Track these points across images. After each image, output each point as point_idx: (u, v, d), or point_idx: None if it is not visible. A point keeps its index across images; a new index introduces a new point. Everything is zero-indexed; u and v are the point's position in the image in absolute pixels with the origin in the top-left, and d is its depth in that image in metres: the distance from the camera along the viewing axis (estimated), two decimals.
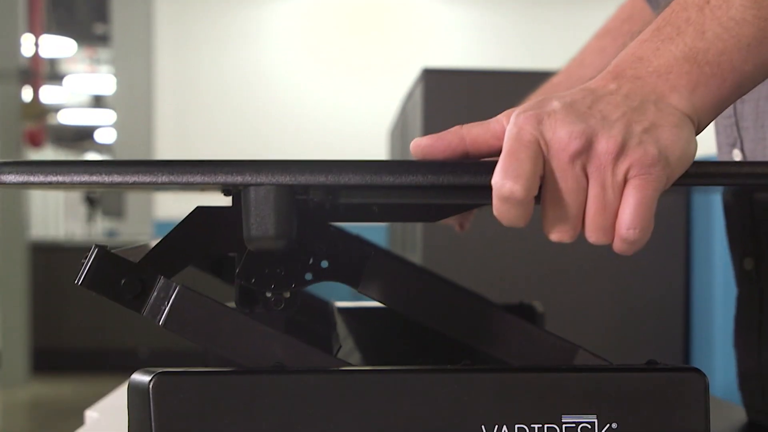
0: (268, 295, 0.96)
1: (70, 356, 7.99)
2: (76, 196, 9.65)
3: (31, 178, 0.84)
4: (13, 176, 0.83)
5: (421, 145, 0.85)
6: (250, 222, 0.83)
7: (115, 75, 10.20)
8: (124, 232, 9.86)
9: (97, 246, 0.92)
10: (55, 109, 19.15)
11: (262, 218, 0.83)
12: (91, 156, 23.69)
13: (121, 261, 0.91)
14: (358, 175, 0.82)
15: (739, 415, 1.27)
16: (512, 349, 0.95)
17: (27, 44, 7.75)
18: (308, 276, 0.97)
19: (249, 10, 9.80)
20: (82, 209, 9.50)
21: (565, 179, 0.78)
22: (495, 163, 0.79)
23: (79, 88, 17.81)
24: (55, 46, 13.59)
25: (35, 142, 7.57)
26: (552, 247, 2.58)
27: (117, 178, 0.83)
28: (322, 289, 1.08)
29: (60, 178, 0.83)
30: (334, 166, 0.82)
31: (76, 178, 0.83)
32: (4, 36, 7.54)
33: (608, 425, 0.82)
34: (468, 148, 0.84)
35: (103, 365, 7.87)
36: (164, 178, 0.83)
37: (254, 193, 0.82)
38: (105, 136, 21.24)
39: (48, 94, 16.12)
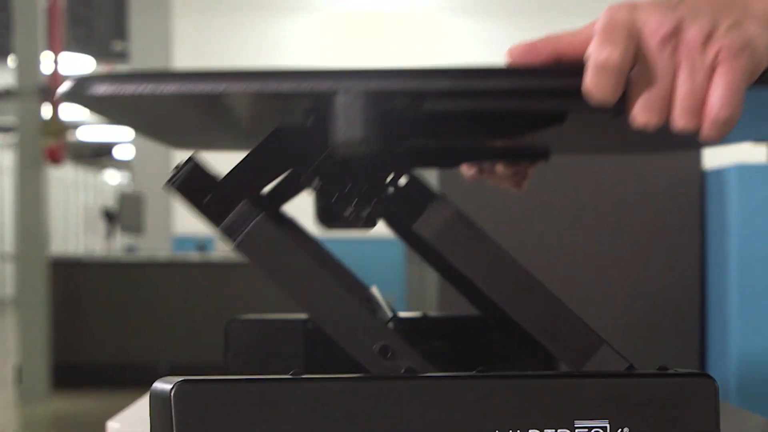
0: (346, 214, 0.95)
1: (91, 371, 8.01)
2: (95, 212, 9.69)
3: (123, 89, 0.84)
4: (105, 87, 0.84)
5: (513, 53, 0.86)
6: (339, 126, 0.84)
7: None
8: (143, 248, 9.88)
9: (191, 157, 0.93)
10: (74, 126, 19.22)
11: (351, 122, 0.84)
12: (111, 173, 23.73)
13: (210, 176, 0.92)
14: (445, 80, 0.83)
15: (752, 421, 1.28)
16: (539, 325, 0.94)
17: (46, 62, 7.78)
18: (387, 192, 0.96)
19: (266, 25, 9.83)
20: (101, 225, 9.52)
21: (656, 62, 0.80)
22: (584, 68, 0.81)
23: None
24: (75, 63, 13.65)
25: (55, 158, 7.60)
26: (563, 250, 2.59)
27: (206, 87, 0.84)
28: None
29: (151, 88, 0.84)
30: (422, 71, 0.83)
31: (167, 88, 0.84)
32: (23, 54, 7.58)
33: (620, 430, 0.83)
34: (559, 55, 0.86)
35: (124, 380, 7.89)
36: (256, 86, 0.84)
37: (343, 99, 0.84)
38: (123, 152, 21.29)
39: (67, 112, 16.18)
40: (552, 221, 2.67)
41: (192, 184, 0.93)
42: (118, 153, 22.31)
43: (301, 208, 1.83)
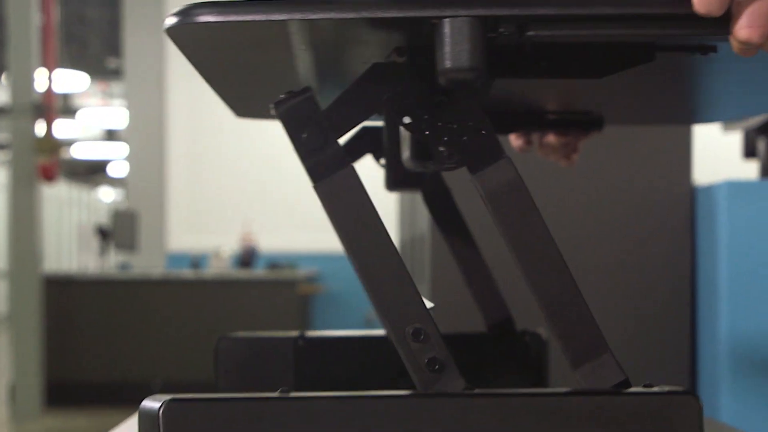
0: (441, 149, 0.95)
1: (84, 389, 8.00)
2: (89, 230, 9.68)
3: (229, 18, 0.84)
4: (210, 16, 0.84)
5: None
6: (446, 54, 0.85)
7: (128, 108, 10.25)
8: (137, 265, 9.88)
9: (308, 87, 0.93)
10: (68, 143, 19.22)
11: (459, 50, 0.84)
12: (105, 190, 23.72)
13: (316, 111, 0.92)
14: (551, 6, 0.85)
15: None
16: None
17: (40, 79, 7.79)
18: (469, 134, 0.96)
19: None
20: (94, 242, 9.52)
21: None
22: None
23: (92, 122, 17.89)
24: (69, 80, 13.67)
25: (48, 176, 7.61)
26: None
27: (312, 15, 0.84)
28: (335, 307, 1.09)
29: (257, 17, 0.84)
30: None
31: (273, 17, 0.84)
32: (17, 71, 7.59)
33: None
34: None
35: (117, 398, 7.88)
36: (365, 14, 0.84)
37: (450, 25, 0.84)
38: (117, 169, 21.28)
39: (61, 129, 16.18)
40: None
41: (296, 113, 0.92)
42: (112, 170, 22.30)
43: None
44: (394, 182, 1.33)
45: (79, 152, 20.33)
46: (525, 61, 1.00)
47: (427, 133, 0.93)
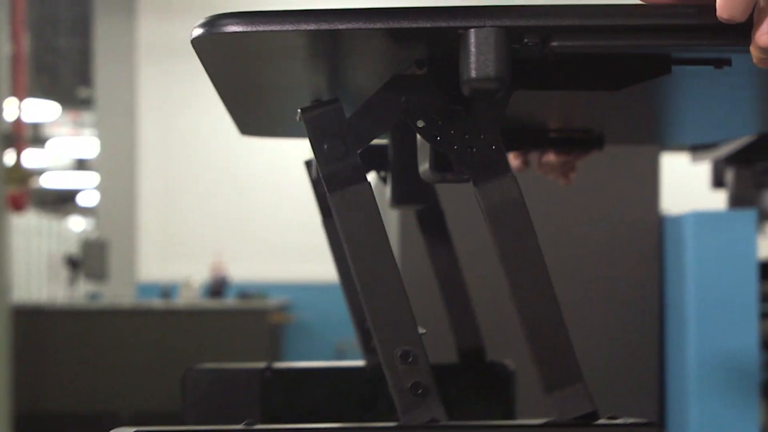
0: (450, 158, 0.96)
1: (53, 420, 7.94)
2: (58, 259, 9.63)
3: (256, 27, 0.85)
4: (237, 26, 0.85)
5: None
6: (471, 63, 0.86)
7: (99, 138, 10.22)
8: (107, 295, 9.83)
9: (338, 98, 0.94)
10: (38, 172, 19.14)
11: (484, 59, 0.86)
12: (75, 220, 23.63)
13: (342, 123, 0.93)
14: (575, 17, 0.86)
15: None
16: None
17: (10, 108, 7.77)
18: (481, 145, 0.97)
19: None
20: (64, 272, 9.47)
21: None
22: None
23: (63, 151, 17.83)
24: (39, 110, 13.62)
25: (18, 206, 7.57)
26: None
27: (340, 25, 0.85)
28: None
29: (285, 27, 0.84)
30: (553, 8, 0.86)
31: (301, 27, 0.84)
32: None
33: None
34: None
35: (86, 429, 7.82)
36: (393, 24, 0.85)
37: (476, 35, 0.85)
38: (88, 199, 21.21)
39: (31, 158, 16.13)
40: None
41: (322, 121, 0.93)
42: (82, 200, 22.22)
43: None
44: (399, 198, 1.34)
45: (49, 181, 20.25)
46: (544, 74, 1.01)
47: (438, 138, 0.95)
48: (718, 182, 3.71)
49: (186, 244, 10.01)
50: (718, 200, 5.37)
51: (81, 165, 19.57)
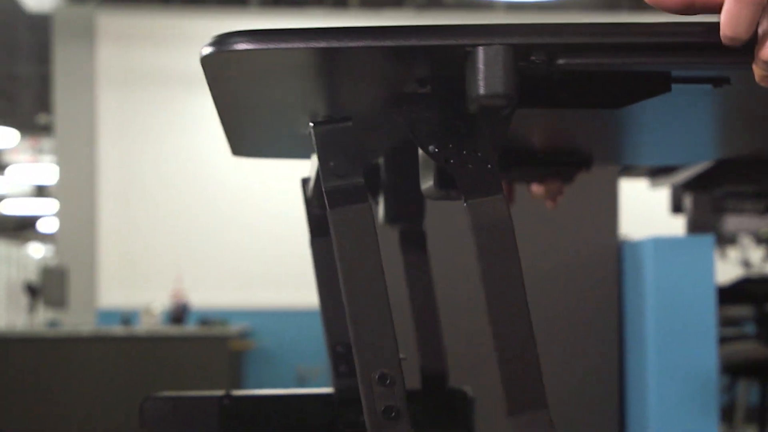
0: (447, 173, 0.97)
1: None
2: (18, 286, 9.58)
3: (267, 45, 0.85)
4: (248, 44, 0.85)
5: None
6: (479, 80, 0.87)
7: (58, 164, 10.18)
8: (66, 323, 9.77)
9: (350, 117, 0.95)
10: None
11: (493, 77, 0.86)
12: (34, 246, 23.49)
13: (350, 142, 0.94)
14: (582, 35, 0.87)
15: None
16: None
17: None
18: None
19: (188, 99, 9.86)
20: (23, 299, 9.41)
21: None
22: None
23: (22, 177, 17.73)
24: None
25: None
26: (484, 318, 2.60)
27: (350, 43, 0.85)
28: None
29: (296, 45, 0.85)
30: (560, 26, 0.87)
31: (312, 44, 0.85)
32: None
33: None
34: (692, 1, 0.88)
35: None
36: (403, 41, 0.86)
37: (484, 53, 0.86)
38: (47, 225, 21.10)
39: None
40: (472, 290, 2.69)
41: (331, 137, 0.94)
42: (42, 226, 22.10)
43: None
44: (391, 216, 1.35)
45: (8, 208, 20.13)
46: (546, 92, 1.02)
47: (439, 154, 0.96)
48: (676, 208, 3.74)
49: (146, 271, 9.97)
50: (676, 226, 5.41)
51: (40, 191, 19.47)
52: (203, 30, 9.66)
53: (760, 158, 3.12)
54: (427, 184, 1.09)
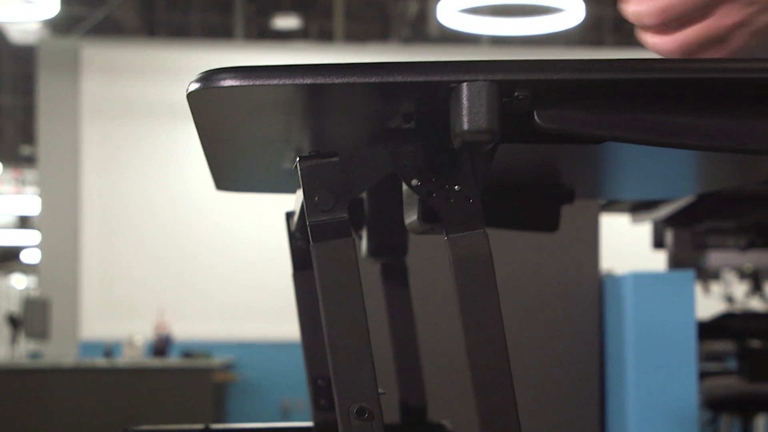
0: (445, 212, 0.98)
1: None
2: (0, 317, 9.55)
3: (253, 82, 0.86)
4: (234, 80, 0.86)
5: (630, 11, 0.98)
6: (464, 116, 0.88)
7: (41, 196, 10.16)
8: (48, 354, 9.73)
9: (337, 153, 0.95)
10: None
11: (476, 112, 0.87)
12: (17, 277, 23.40)
13: (335, 178, 0.95)
14: (564, 71, 0.88)
15: None
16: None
17: None
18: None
19: (170, 132, 9.87)
20: (5, 331, 9.37)
21: None
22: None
23: (5, 209, 17.69)
24: None
25: None
26: (461, 357, 2.61)
27: (336, 80, 0.86)
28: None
29: (283, 81, 0.86)
30: (543, 62, 0.88)
31: (298, 81, 0.86)
32: None
33: None
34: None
35: None
36: (388, 78, 0.87)
37: (468, 89, 0.87)
38: (30, 256, 21.03)
39: None
40: (453, 324, 2.69)
41: (317, 172, 0.94)
42: (25, 257, 22.03)
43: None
44: (375, 250, 1.35)
45: None
46: (528, 127, 1.03)
47: (422, 189, 0.97)
48: (658, 243, 3.75)
49: (129, 303, 9.94)
50: (658, 261, 5.43)
51: (23, 222, 19.42)
52: (188, 63, 9.68)
53: (740, 194, 3.14)
54: (410, 218, 1.10)
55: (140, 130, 9.95)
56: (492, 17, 8.25)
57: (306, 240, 0.99)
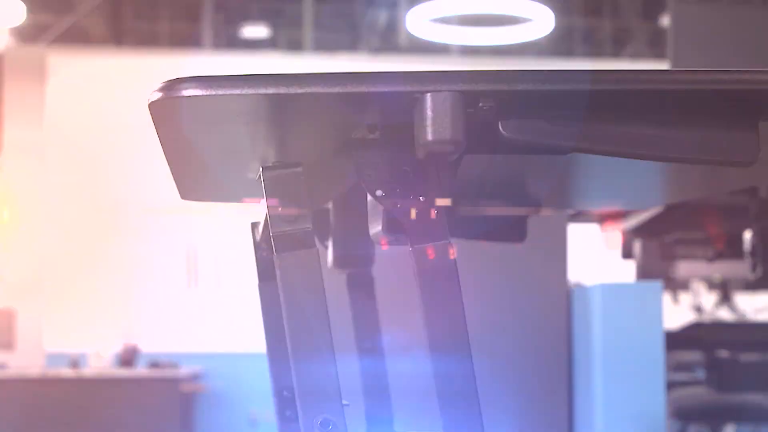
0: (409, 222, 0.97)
1: None
2: None
3: (215, 91, 0.85)
4: (196, 90, 0.85)
5: None
6: (427, 127, 0.87)
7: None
8: (13, 365, 9.66)
9: (300, 163, 0.96)
10: None
11: (441, 123, 0.87)
12: None
13: (300, 189, 0.96)
14: (528, 82, 0.87)
15: None
16: None
17: None
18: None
19: (137, 141, 9.84)
20: None
21: None
22: None
23: None
24: None
25: None
26: (424, 364, 2.60)
27: (299, 89, 0.85)
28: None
29: (245, 91, 0.85)
30: (507, 73, 0.87)
31: (261, 90, 0.85)
32: None
33: None
34: None
35: None
36: (352, 88, 0.86)
37: (432, 99, 0.86)
38: None
39: None
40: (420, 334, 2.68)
41: (281, 182, 0.94)
42: None
43: None
44: (341, 261, 1.36)
45: None
46: (492, 138, 1.03)
47: (387, 199, 0.97)
48: (627, 253, 3.76)
49: (95, 314, 9.89)
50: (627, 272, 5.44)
51: None
52: (155, 72, 9.65)
53: (708, 204, 3.14)
54: (375, 228, 1.10)
55: (106, 140, 9.91)
56: (461, 27, 8.27)
57: (271, 250, 0.98)
